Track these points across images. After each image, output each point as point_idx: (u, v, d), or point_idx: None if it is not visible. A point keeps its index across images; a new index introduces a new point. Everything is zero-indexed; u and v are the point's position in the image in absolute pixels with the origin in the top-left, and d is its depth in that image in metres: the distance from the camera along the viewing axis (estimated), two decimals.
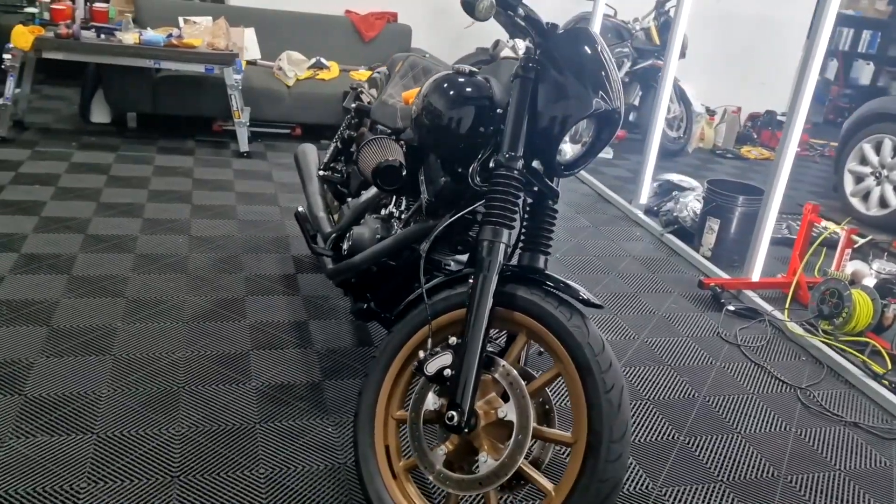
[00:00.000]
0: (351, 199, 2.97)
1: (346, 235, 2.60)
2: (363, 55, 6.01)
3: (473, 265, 1.92)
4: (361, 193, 2.80)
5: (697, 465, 2.41)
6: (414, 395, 1.93)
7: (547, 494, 1.76)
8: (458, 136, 2.09)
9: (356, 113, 3.12)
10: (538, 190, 2.06)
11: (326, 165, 3.20)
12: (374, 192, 2.66)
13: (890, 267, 3.48)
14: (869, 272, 3.41)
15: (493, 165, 1.98)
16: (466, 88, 2.12)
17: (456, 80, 2.14)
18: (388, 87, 2.95)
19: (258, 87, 5.32)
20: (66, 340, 2.65)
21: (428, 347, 1.91)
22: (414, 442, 1.89)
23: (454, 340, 1.86)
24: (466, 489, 1.81)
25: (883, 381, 2.98)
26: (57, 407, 2.29)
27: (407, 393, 2.04)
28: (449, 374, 1.82)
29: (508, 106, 1.98)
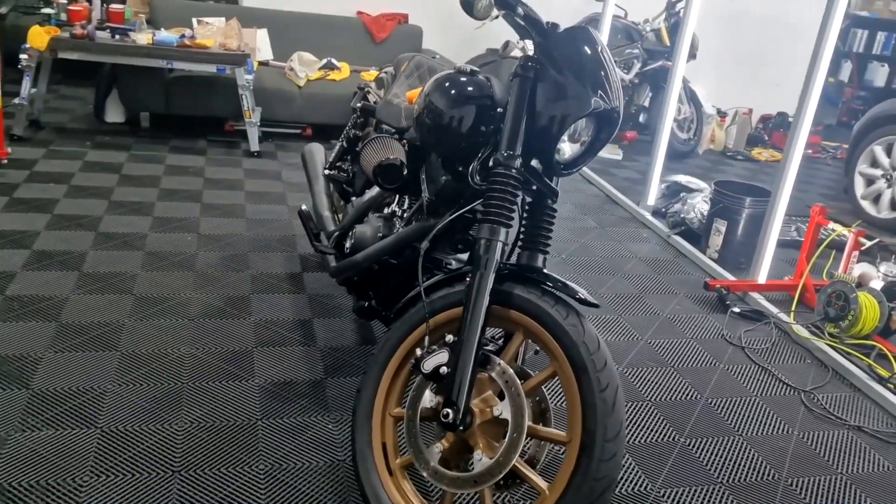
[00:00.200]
0: (356, 197, 3.00)
1: (348, 234, 2.63)
2: (374, 56, 6.04)
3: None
4: (366, 192, 2.82)
5: (697, 466, 2.41)
6: (411, 392, 1.94)
7: (541, 493, 1.77)
8: (458, 134, 2.11)
9: (362, 112, 3.14)
10: (537, 189, 2.07)
11: (332, 164, 3.23)
12: (377, 190, 2.68)
13: None
14: (876, 275, 3.39)
15: (491, 164, 1.99)
16: (467, 88, 2.13)
17: (457, 79, 2.16)
18: (393, 86, 2.97)
19: (270, 87, 5.36)
20: (74, 336, 2.68)
21: (425, 345, 1.92)
22: (410, 439, 1.90)
23: (451, 338, 1.86)
24: (461, 487, 1.82)
25: (888, 384, 2.96)
26: (63, 401, 2.33)
27: (405, 390, 2.05)
28: (445, 371, 1.83)
29: (507, 105, 2.00)
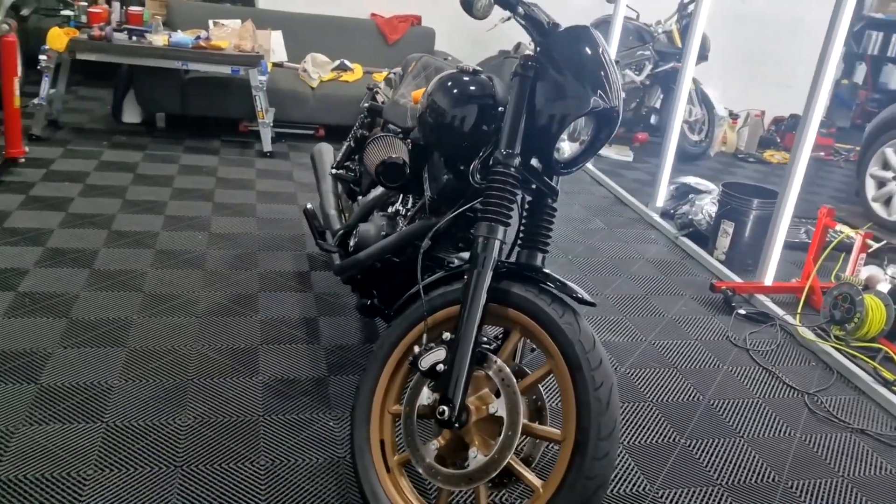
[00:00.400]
0: (362, 197, 3.03)
1: (353, 232, 2.65)
2: (387, 57, 6.07)
3: None
4: (371, 191, 2.85)
5: (696, 467, 2.41)
6: (408, 389, 1.97)
7: (535, 491, 1.78)
8: (460, 133, 2.13)
9: (369, 112, 3.18)
10: (537, 188, 2.08)
11: (340, 164, 3.26)
12: (382, 189, 2.71)
13: None
14: (884, 277, 3.37)
15: (490, 163, 2.01)
16: (469, 87, 2.15)
17: (459, 78, 2.18)
18: (401, 87, 3.00)
19: (284, 88, 5.41)
20: (83, 332, 2.73)
21: (423, 343, 1.94)
22: (407, 436, 1.92)
23: (447, 336, 1.89)
24: (456, 484, 1.84)
25: (893, 387, 2.95)
26: (70, 396, 2.37)
27: (404, 388, 2.07)
28: (442, 369, 1.84)
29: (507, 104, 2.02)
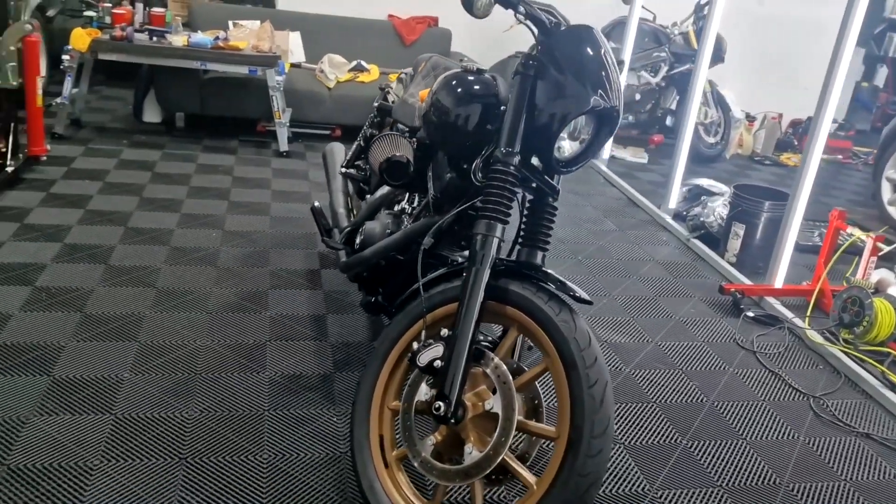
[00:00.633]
0: (370, 195, 3.06)
1: (359, 230, 2.69)
2: (403, 59, 6.11)
3: None
4: (378, 190, 2.89)
5: (697, 469, 2.42)
6: (407, 385, 1.99)
7: (529, 488, 1.80)
8: (463, 132, 2.16)
9: (379, 112, 3.21)
10: (537, 186, 2.10)
11: (349, 163, 3.30)
12: (389, 188, 2.74)
13: None
14: (894, 281, 3.34)
15: (490, 161, 2.03)
16: (473, 86, 2.18)
17: (463, 77, 2.21)
18: (410, 86, 3.03)
19: (301, 89, 5.46)
20: (96, 326, 2.79)
21: (421, 339, 1.97)
22: (404, 431, 1.95)
23: (445, 332, 1.91)
24: (451, 479, 1.86)
25: None
26: (81, 388, 2.43)
27: (403, 384, 2.09)
28: (439, 365, 1.87)
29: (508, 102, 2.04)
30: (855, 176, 6.81)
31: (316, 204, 2.88)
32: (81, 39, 4.77)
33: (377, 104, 3.23)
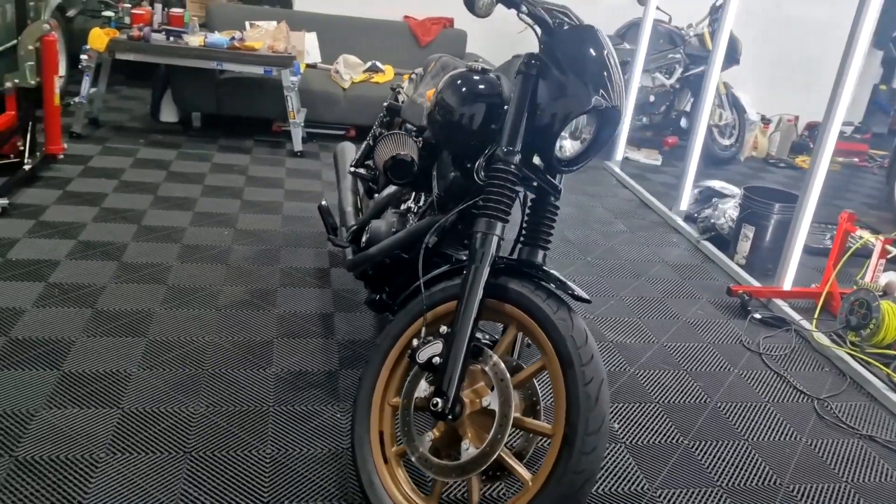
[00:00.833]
0: (378, 194, 3.09)
1: (365, 228, 2.72)
2: (419, 59, 6.11)
3: None
4: (386, 189, 2.91)
5: (698, 468, 2.42)
6: (407, 382, 2.02)
7: (525, 484, 1.82)
8: (467, 131, 2.19)
9: (388, 112, 3.24)
10: (538, 185, 2.12)
11: (359, 162, 3.33)
12: (395, 187, 2.77)
13: None
14: None
15: (491, 160, 2.05)
16: (477, 86, 2.21)
17: (468, 77, 2.23)
18: (420, 86, 3.06)
19: (316, 89, 5.51)
20: (106, 322, 2.84)
21: (421, 336, 1.99)
22: (403, 427, 1.97)
23: (444, 329, 1.94)
24: (447, 475, 1.88)
25: None
26: (89, 382, 2.48)
27: (404, 381, 2.12)
28: (438, 362, 1.90)
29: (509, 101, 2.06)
30: (870, 179, 6.75)
31: (323, 203, 2.92)
32: (99, 39, 4.85)
33: (386, 104, 3.26)
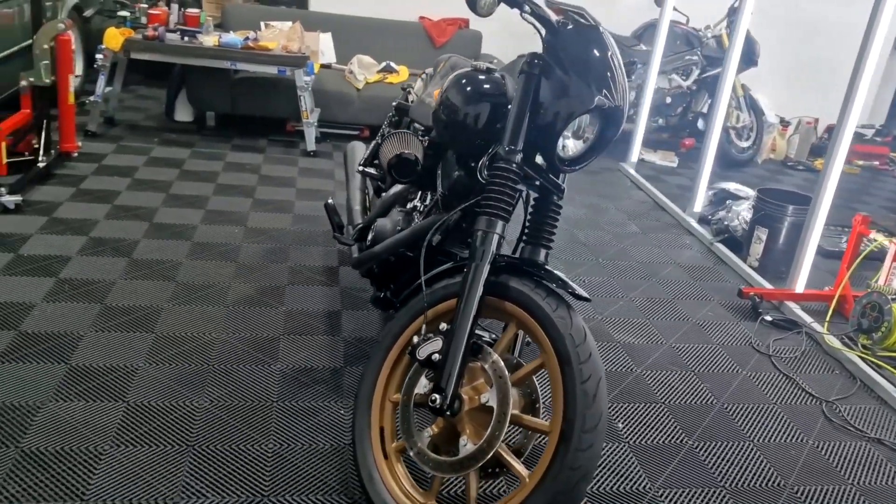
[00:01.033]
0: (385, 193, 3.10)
1: (371, 226, 2.73)
2: (433, 60, 6.13)
3: None
4: (393, 188, 2.92)
5: (701, 469, 2.40)
6: (407, 378, 2.02)
7: (521, 480, 1.82)
8: (471, 130, 2.19)
9: (397, 111, 3.25)
10: (541, 185, 2.11)
11: (367, 161, 3.33)
12: (402, 186, 2.78)
13: None
14: None
15: (493, 159, 2.05)
16: (483, 85, 2.21)
17: (473, 76, 2.23)
18: (429, 86, 3.06)
19: (330, 89, 5.53)
20: (115, 317, 2.86)
21: (422, 333, 1.99)
22: (403, 423, 1.98)
23: (444, 327, 1.94)
24: (445, 470, 1.88)
25: None
26: (96, 376, 2.50)
27: (405, 377, 2.12)
28: (437, 358, 1.90)
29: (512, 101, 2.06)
30: (891, 182, 6.67)
31: (329, 201, 2.93)
32: (114, 39, 4.89)
33: (395, 103, 3.27)
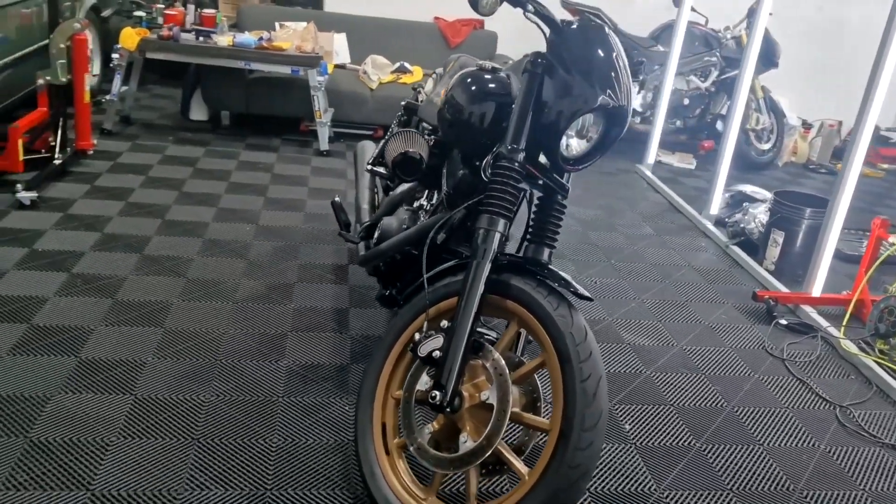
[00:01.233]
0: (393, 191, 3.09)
1: (377, 225, 2.72)
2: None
3: None
4: (401, 186, 2.91)
5: (708, 471, 2.37)
6: (409, 375, 2.02)
7: (521, 478, 1.80)
8: (475, 129, 2.19)
9: (405, 110, 3.24)
10: (545, 184, 2.10)
11: (375, 160, 3.33)
12: (409, 184, 2.77)
13: None
14: None
15: (496, 158, 2.04)
16: (487, 84, 2.21)
17: (478, 76, 2.23)
18: (438, 85, 3.05)
19: (344, 90, 5.54)
20: (125, 312, 2.88)
21: (423, 330, 1.98)
22: (404, 419, 1.97)
23: (446, 324, 1.93)
24: (444, 467, 1.88)
25: None
26: (105, 369, 2.51)
27: (407, 374, 2.11)
28: (438, 355, 1.89)
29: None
30: None
31: (336, 199, 2.93)
32: (130, 39, 4.93)
33: (404, 103, 3.26)
